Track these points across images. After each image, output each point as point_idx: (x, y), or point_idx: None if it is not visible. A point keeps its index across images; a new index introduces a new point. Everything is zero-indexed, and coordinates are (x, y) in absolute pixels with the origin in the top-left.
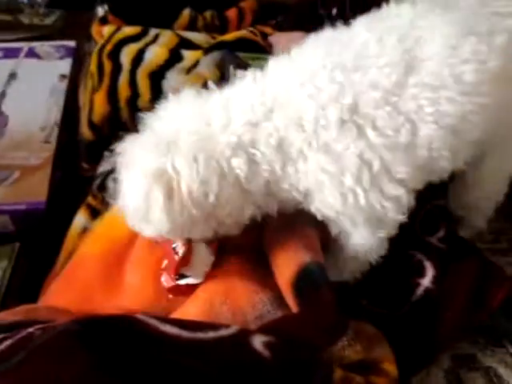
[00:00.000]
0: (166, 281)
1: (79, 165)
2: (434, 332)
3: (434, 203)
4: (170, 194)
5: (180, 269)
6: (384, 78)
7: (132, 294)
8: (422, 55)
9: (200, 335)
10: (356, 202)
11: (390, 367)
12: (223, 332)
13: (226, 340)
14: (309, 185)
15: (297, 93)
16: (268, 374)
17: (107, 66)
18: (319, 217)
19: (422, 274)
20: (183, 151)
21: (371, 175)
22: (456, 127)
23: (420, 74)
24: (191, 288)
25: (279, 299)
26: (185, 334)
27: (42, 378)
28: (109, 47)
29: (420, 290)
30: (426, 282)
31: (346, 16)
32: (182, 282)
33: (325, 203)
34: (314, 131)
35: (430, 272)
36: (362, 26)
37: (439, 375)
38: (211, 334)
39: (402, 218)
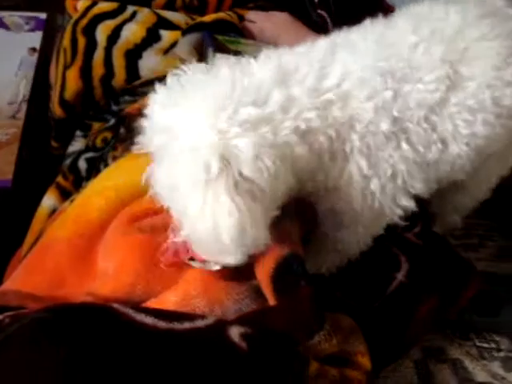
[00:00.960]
0: (166, 257)
1: (49, 143)
2: (407, 325)
3: None
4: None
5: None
6: (429, 95)
7: (105, 281)
8: (466, 73)
9: (176, 326)
10: (372, 203)
11: (364, 360)
12: (199, 323)
13: (202, 331)
14: (341, 182)
15: (356, 90)
16: (244, 365)
17: (81, 41)
18: (324, 208)
19: (397, 269)
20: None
21: (394, 185)
22: (484, 146)
23: (462, 93)
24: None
25: (259, 293)
26: (160, 324)
27: (11, 370)
28: (84, 22)
29: (394, 284)
30: (401, 276)
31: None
32: (196, 265)
33: (345, 200)
34: (363, 134)
35: (404, 266)
36: (408, 24)
37: (409, 366)
38: (187, 325)
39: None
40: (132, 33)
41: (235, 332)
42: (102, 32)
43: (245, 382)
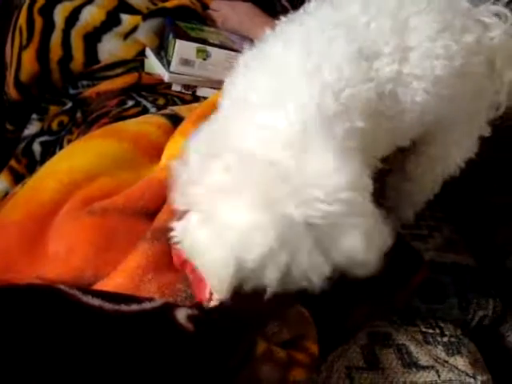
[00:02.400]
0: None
1: (3, 126)
2: (354, 311)
3: None
4: None
5: None
6: (388, 68)
7: (56, 264)
8: (409, 43)
9: (123, 307)
10: None
11: (312, 345)
12: (147, 305)
13: (149, 313)
14: None
15: None
16: (190, 346)
17: (38, 22)
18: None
19: None
20: None
21: None
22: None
23: (409, 63)
24: None
25: None
26: (107, 305)
27: None
28: (40, 2)
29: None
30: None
31: None
32: None
33: None
34: None
35: None
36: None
37: (356, 351)
38: (134, 307)
39: None
40: (91, 16)
41: (182, 314)
42: (59, 13)
43: (191, 362)
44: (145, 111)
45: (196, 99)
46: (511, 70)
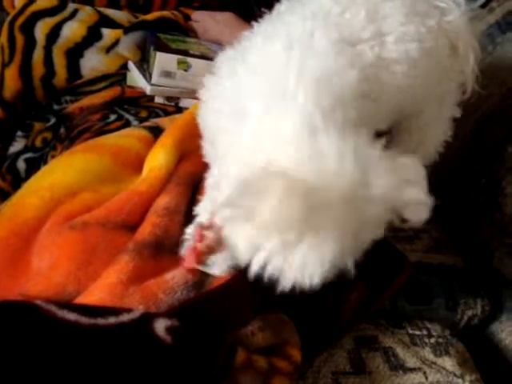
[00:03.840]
0: (188, 261)
1: None
2: (339, 313)
3: None
4: None
5: (203, 256)
6: (370, 52)
7: (39, 280)
8: (384, 29)
9: (100, 321)
10: None
11: (294, 351)
12: (124, 317)
13: (127, 325)
14: None
15: None
16: (168, 358)
17: (19, 39)
18: None
19: None
20: None
21: None
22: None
23: (386, 47)
24: None
25: (195, 284)
26: (84, 320)
27: None
28: (21, 19)
29: None
30: None
31: None
32: (205, 269)
33: None
34: None
35: None
36: None
37: (342, 355)
38: (112, 320)
39: None
40: (72, 31)
41: (161, 325)
42: (40, 30)
43: (171, 374)
44: (127, 125)
45: (179, 110)
46: (473, 53)
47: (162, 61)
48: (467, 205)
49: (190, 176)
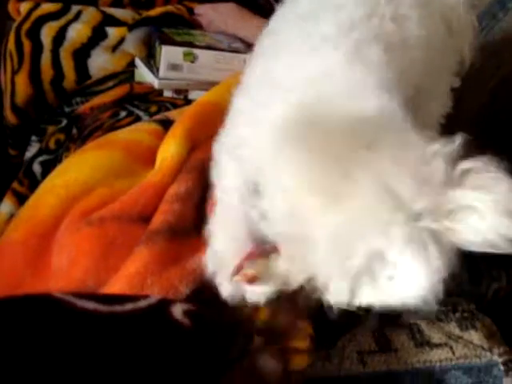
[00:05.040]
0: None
1: (6, 152)
2: None
3: None
4: None
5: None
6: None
7: (59, 278)
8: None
9: (117, 308)
10: None
11: (304, 324)
12: (141, 303)
13: (145, 311)
14: None
15: None
16: (187, 342)
17: (27, 45)
18: None
19: None
20: None
21: None
22: None
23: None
24: None
25: None
26: (102, 308)
27: None
28: (27, 25)
29: None
30: None
31: None
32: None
33: None
34: None
35: None
36: None
37: (366, 334)
38: (129, 306)
39: None
40: (77, 33)
41: (178, 309)
42: (46, 34)
43: (190, 357)
44: (138, 120)
45: (188, 103)
46: (471, 30)
47: (168, 54)
48: None
49: (201, 162)
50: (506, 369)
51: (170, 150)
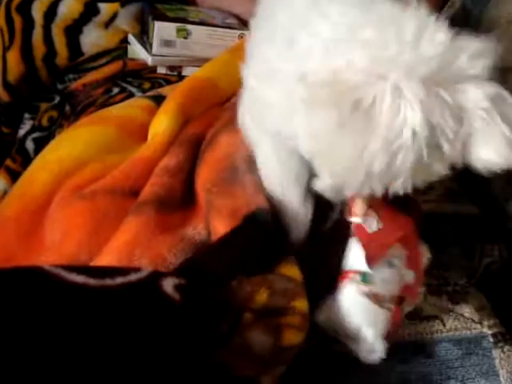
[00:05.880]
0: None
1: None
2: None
3: None
4: None
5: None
6: None
7: (52, 252)
8: None
9: (107, 282)
10: None
11: (300, 303)
12: (132, 277)
13: (135, 285)
14: None
15: None
16: (178, 316)
17: (17, 21)
18: None
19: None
20: None
21: None
22: None
23: None
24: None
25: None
26: (92, 281)
27: None
28: (17, 0)
29: (329, 223)
30: (335, 214)
31: None
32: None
33: None
34: None
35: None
36: None
37: None
38: (119, 280)
39: None
40: (69, 8)
41: (169, 283)
42: (37, 9)
43: (180, 332)
44: (131, 96)
45: (182, 80)
46: None
47: (161, 30)
48: None
49: (193, 136)
50: (495, 341)
51: (161, 124)
